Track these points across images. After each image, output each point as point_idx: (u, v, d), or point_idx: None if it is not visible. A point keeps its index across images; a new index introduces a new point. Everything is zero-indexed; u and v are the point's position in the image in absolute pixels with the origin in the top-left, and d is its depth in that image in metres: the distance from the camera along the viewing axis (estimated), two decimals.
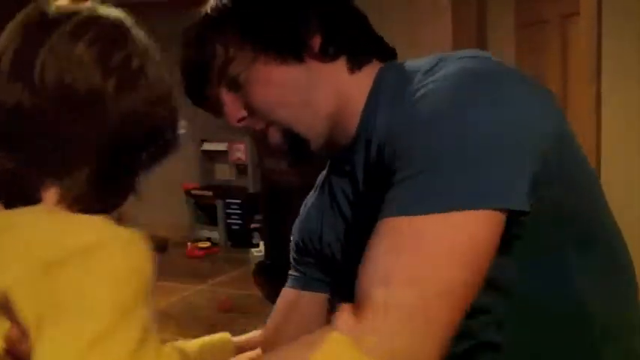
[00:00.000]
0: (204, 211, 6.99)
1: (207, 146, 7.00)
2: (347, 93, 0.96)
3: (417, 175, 0.77)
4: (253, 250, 6.06)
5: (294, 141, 0.97)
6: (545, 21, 3.05)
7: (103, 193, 0.76)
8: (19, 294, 0.65)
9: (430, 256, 0.75)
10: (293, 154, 1.00)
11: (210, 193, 6.79)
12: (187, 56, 0.98)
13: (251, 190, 6.66)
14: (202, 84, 0.98)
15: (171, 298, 5.04)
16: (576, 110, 2.78)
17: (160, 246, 6.58)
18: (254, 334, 1.23)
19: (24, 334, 0.65)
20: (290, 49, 0.93)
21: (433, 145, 0.78)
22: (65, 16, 0.74)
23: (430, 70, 0.86)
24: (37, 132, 0.72)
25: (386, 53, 1.02)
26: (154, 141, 0.80)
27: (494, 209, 0.76)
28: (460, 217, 0.75)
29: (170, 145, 0.84)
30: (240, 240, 6.53)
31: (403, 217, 0.77)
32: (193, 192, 6.94)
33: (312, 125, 0.96)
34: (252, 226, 6.42)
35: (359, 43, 0.97)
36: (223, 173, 7.12)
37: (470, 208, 0.75)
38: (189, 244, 6.50)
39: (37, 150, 0.72)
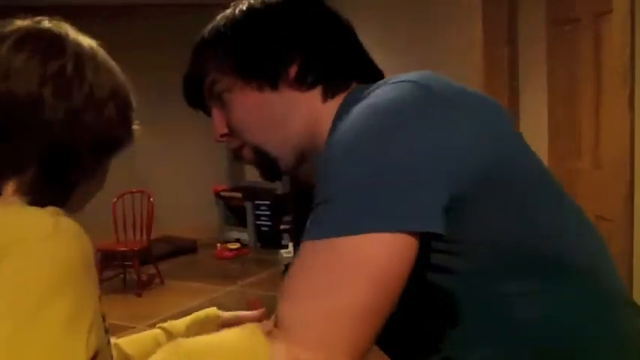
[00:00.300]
0: (233, 212, 7.03)
1: None
2: (318, 120, 0.98)
3: (322, 201, 0.82)
4: (282, 251, 6.08)
5: (265, 160, 1.03)
6: (578, 19, 3.02)
7: (52, 189, 0.83)
8: None
9: (327, 278, 0.79)
10: (264, 172, 1.07)
11: (239, 195, 6.83)
12: (187, 70, 1.06)
13: (280, 191, 6.68)
14: (197, 97, 1.06)
15: (201, 298, 5.07)
16: (609, 110, 2.74)
17: (190, 247, 6.63)
18: (244, 313, 1.25)
19: None
20: (266, 78, 0.98)
21: (334, 173, 0.82)
22: (12, 31, 0.83)
23: (368, 96, 0.90)
24: None
25: (368, 75, 1.03)
26: (99, 139, 0.86)
27: (397, 232, 0.78)
28: (360, 240, 0.78)
29: (121, 141, 0.90)
30: (269, 241, 6.56)
31: (311, 241, 0.82)
32: (223, 194, 6.99)
33: (281, 149, 1.01)
34: (282, 227, 6.44)
35: (336, 72, 1.01)
36: (252, 175, 7.15)
37: (371, 231, 0.78)
38: (218, 245, 6.55)
39: None
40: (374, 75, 1.04)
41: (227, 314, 1.20)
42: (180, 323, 1.16)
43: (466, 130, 0.85)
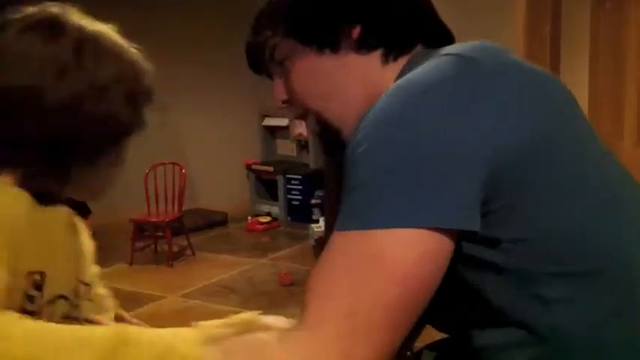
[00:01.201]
0: (264, 186, 7.05)
1: (268, 122, 7.04)
2: (376, 85, 0.94)
3: (349, 191, 0.79)
4: (313, 225, 6.08)
5: (327, 131, 1.00)
6: None
7: (53, 175, 0.84)
8: None
9: (350, 275, 0.76)
10: (326, 145, 1.04)
11: (271, 169, 6.83)
12: (249, 36, 1.04)
13: (312, 165, 6.67)
14: (259, 63, 1.03)
15: (232, 271, 5.11)
16: None
17: (221, 220, 6.67)
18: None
19: None
20: (326, 41, 0.95)
21: (364, 159, 0.79)
22: (17, 19, 0.82)
23: (413, 68, 0.86)
24: None
25: (434, 37, 0.99)
26: (103, 126, 0.84)
27: (425, 228, 0.75)
28: (385, 235, 0.75)
29: (127, 127, 0.88)
30: (300, 215, 6.56)
31: (338, 232, 0.79)
32: (254, 167, 7.00)
33: (341, 115, 0.97)
34: (313, 201, 6.44)
35: (399, 35, 0.96)
36: (284, 149, 7.15)
37: (396, 227, 0.75)
38: (249, 218, 6.57)
39: None
40: (441, 37, 0.99)
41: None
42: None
43: (507, 113, 0.79)
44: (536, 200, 0.80)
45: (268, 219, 6.54)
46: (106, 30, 0.88)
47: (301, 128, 6.76)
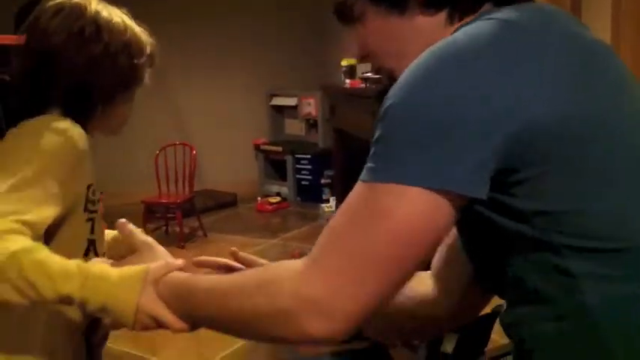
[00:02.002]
0: (273, 166, 7.01)
1: (276, 101, 6.98)
2: None
3: (371, 145, 0.82)
4: (324, 205, 6.05)
5: None
6: None
7: (81, 112, 1.20)
8: None
9: (353, 221, 0.81)
10: None
11: (279, 149, 6.79)
12: None
13: (321, 145, 6.62)
14: (344, 20, 1.07)
15: (244, 252, 5.05)
16: None
17: (230, 201, 6.64)
18: (141, 237, 1.29)
19: None
20: (395, 4, 0.98)
21: (385, 113, 0.82)
22: (52, 4, 1.20)
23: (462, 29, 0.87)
24: (33, 80, 1.20)
25: None
26: (114, 80, 1.22)
27: (426, 188, 0.77)
28: (387, 189, 0.79)
29: (130, 82, 1.26)
30: (309, 195, 6.53)
31: (358, 182, 0.83)
32: (263, 147, 6.96)
33: None
34: (323, 181, 6.40)
35: None
36: (293, 128, 7.10)
37: (398, 182, 0.78)
38: (259, 198, 6.54)
39: (39, 91, 1.20)
40: None
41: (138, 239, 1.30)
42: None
43: (547, 82, 0.78)
44: (573, 175, 0.79)
45: (278, 199, 6.51)
46: (118, 13, 1.25)
47: (309, 108, 6.70)
